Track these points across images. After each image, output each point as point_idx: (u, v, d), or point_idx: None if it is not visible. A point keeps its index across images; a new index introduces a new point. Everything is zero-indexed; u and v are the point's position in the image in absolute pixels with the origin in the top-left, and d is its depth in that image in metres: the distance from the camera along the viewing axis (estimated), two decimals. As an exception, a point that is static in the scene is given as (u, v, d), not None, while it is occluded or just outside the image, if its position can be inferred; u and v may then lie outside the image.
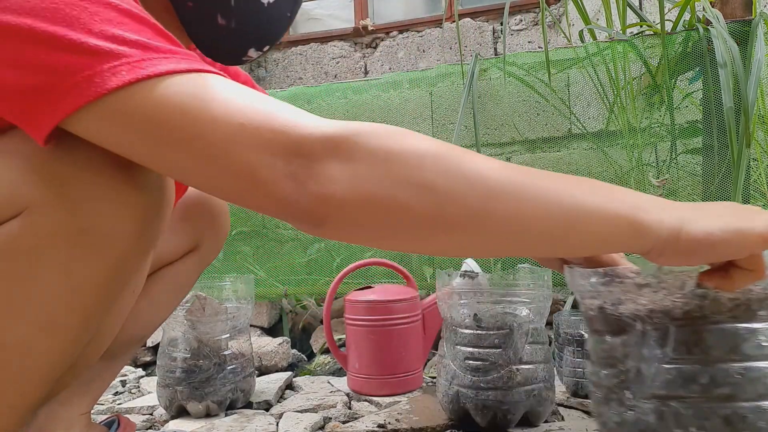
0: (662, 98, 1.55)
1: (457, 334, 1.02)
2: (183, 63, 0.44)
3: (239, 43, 0.66)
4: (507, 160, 1.82)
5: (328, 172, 0.41)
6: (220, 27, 0.63)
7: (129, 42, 0.43)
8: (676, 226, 0.46)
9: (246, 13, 0.63)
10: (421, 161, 0.42)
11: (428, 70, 1.87)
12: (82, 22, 0.42)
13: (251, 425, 1.06)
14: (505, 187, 0.43)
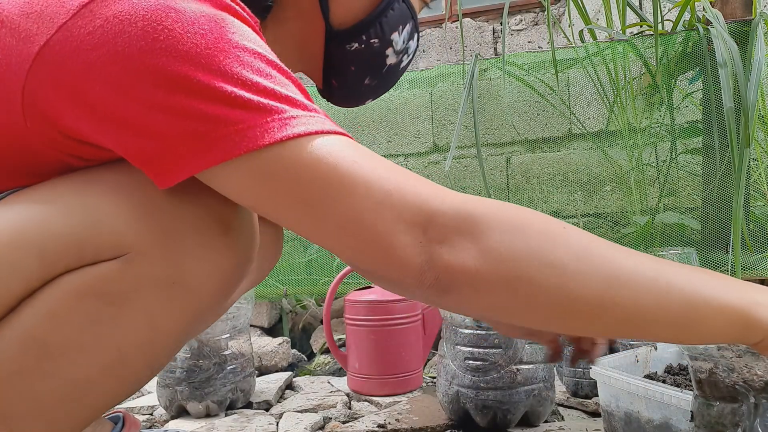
0: (662, 98, 1.55)
1: (457, 334, 1.02)
2: (328, 124, 0.45)
3: (367, 96, 0.73)
4: (507, 161, 1.82)
5: (461, 242, 0.44)
6: (364, 86, 0.69)
7: (280, 97, 0.43)
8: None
9: (387, 77, 0.70)
10: (554, 240, 0.45)
11: (428, 70, 1.87)
12: (236, 73, 0.42)
13: (251, 425, 1.06)
14: (631, 276, 0.45)
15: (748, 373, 0.57)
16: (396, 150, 1.95)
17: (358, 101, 0.74)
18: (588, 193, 1.71)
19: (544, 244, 0.44)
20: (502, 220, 0.45)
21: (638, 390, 0.76)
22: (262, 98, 0.42)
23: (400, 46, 0.67)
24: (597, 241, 0.46)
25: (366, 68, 0.67)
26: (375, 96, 0.74)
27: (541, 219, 0.46)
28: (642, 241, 1.51)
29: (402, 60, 0.70)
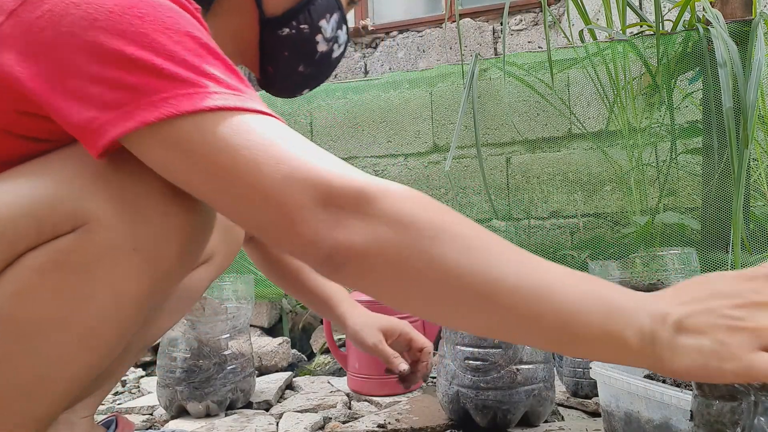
0: (662, 98, 1.55)
1: (457, 333, 1.02)
2: (252, 103, 0.47)
3: (303, 86, 0.77)
4: (507, 161, 1.82)
5: (355, 223, 0.45)
6: (299, 73, 0.73)
7: (206, 74, 0.46)
8: (657, 363, 0.44)
9: (322, 65, 0.74)
10: (439, 234, 0.45)
11: (428, 70, 1.87)
12: (167, 49, 0.45)
13: (251, 425, 1.06)
14: (512, 281, 0.44)
15: None
16: (396, 150, 1.95)
17: (295, 90, 0.78)
18: (588, 193, 1.71)
19: (435, 236, 0.44)
20: (397, 207, 0.45)
21: (638, 390, 0.76)
22: (189, 73, 0.45)
23: (329, 34, 0.72)
24: (491, 241, 0.46)
25: (298, 54, 0.71)
26: (312, 85, 0.78)
27: (438, 212, 0.46)
28: (642, 241, 1.51)
29: (333, 49, 0.74)
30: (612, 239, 1.65)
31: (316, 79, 0.77)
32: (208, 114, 0.44)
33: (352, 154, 1.98)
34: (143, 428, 1.11)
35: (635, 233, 1.55)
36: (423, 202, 0.47)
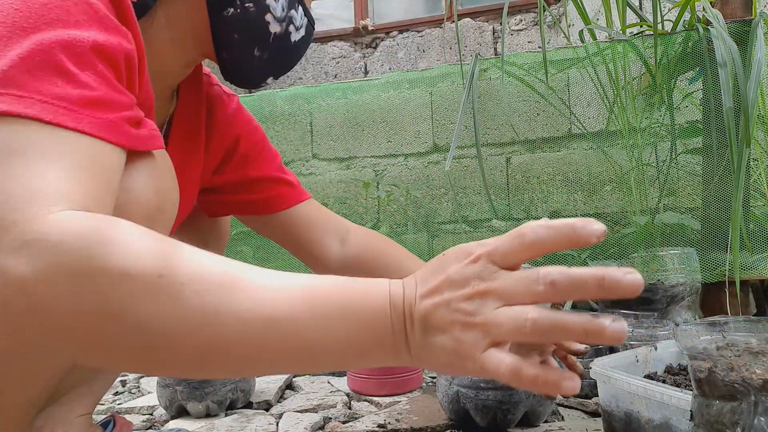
0: (662, 98, 1.55)
1: (457, 334, 1.02)
2: (21, 106, 0.42)
3: (265, 72, 0.74)
4: (507, 161, 1.82)
5: (12, 262, 0.37)
6: (254, 57, 0.70)
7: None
8: (416, 362, 0.44)
9: (279, 49, 0.71)
10: (142, 296, 0.38)
11: (428, 70, 1.87)
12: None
13: (251, 425, 1.06)
14: (243, 333, 0.40)
15: (747, 372, 0.57)
16: (396, 150, 1.95)
17: (257, 78, 0.75)
18: (588, 193, 1.71)
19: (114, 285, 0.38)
20: (85, 244, 0.38)
21: (638, 390, 0.76)
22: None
23: (279, 13, 0.68)
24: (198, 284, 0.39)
25: (249, 36, 0.69)
26: (275, 72, 0.75)
27: (132, 250, 0.39)
28: (642, 241, 1.51)
29: (289, 31, 0.71)
30: (612, 239, 1.65)
31: (278, 65, 0.74)
32: None
33: (352, 154, 1.98)
34: (143, 428, 1.11)
35: (635, 233, 1.55)
36: (107, 242, 0.39)
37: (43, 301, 0.37)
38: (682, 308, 1.18)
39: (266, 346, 0.40)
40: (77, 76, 0.45)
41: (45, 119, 0.42)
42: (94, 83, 0.46)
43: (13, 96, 0.42)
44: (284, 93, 2.00)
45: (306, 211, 0.93)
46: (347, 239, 0.95)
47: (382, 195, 1.90)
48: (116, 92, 0.48)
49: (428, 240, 1.88)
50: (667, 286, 1.17)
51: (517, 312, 0.39)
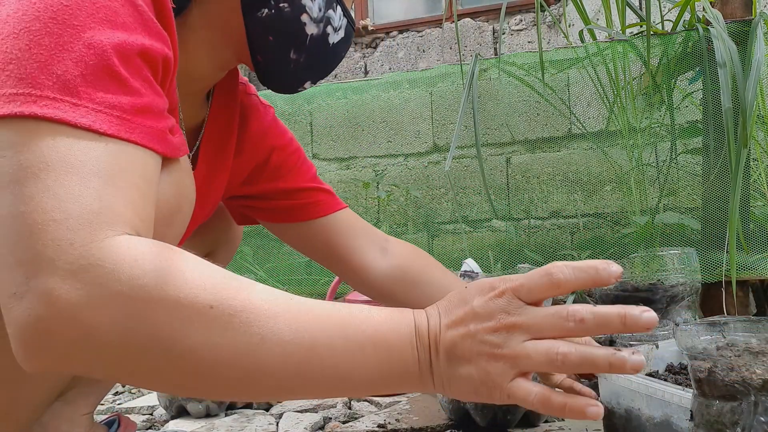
0: (662, 98, 1.55)
1: (457, 333, 1.02)
2: (88, 118, 0.42)
3: (302, 76, 0.71)
4: (507, 161, 1.82)
5: (67, 287, 0.38)
6: (291, 60, 0.67)
7: (43, 74, 0.41)
8: (440, 390, 0.47)
9: (316, 51, 0.68)
10: (192, 325, 0.40)
11: (428, 70, 1.87)
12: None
13: (251, 425, 1.06)
14: (283, 363, 0.42)
15: (747, 372, 0.57)
16: (396, 150, 1.95)
17: (295, 83, 0.72)
18: (588, 193, 1.71)
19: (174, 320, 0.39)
20: (138, 271, 0.39)
21: (639, 387, 0.76)
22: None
23: (316, 14, 0.65)
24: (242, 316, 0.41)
25: (285, 38, 0.66)
26: (313, 77, 0.72)
27: (191, 281, 0.40)
28: (642, 241, 1.51)
29: (327, 32, 0.67)
30: (612, 239, 1.65)
31: (316, 70, 0.71)
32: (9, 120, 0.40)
33: (352, 154, 1.98)
34: (143, 428, 1.11)
35: (635, 233, 1.55)
36: (168, 270, 0.40)
37: (94, 328, 0.37)
38: (682, 308, 1.18)
39: (304, 374, 0.43)
40: (128, 82, 0.44)
41: (99, 130, 0.42)
42: (142, 89, 0.46)
43: (69, 103, 0.41)
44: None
45: (345, 219, 0.90)
46: (388, 249, 0.92)
47: (382, 195, 1.90)
48: (160, 99, 0.48)
49: (428, 240, 1.88)
50: (667, 286, 1.16)
51: (547, 346, 0.43)
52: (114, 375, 0.41)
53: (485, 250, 1.74)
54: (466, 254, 1.67)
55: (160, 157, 0.48)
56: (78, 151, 0.41)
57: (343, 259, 0.90)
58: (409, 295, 0.89)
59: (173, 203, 0.58)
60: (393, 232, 1.89)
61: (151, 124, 0.46)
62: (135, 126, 0.44)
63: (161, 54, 0.48)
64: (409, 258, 0.92)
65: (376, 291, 0.91)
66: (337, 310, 0.45)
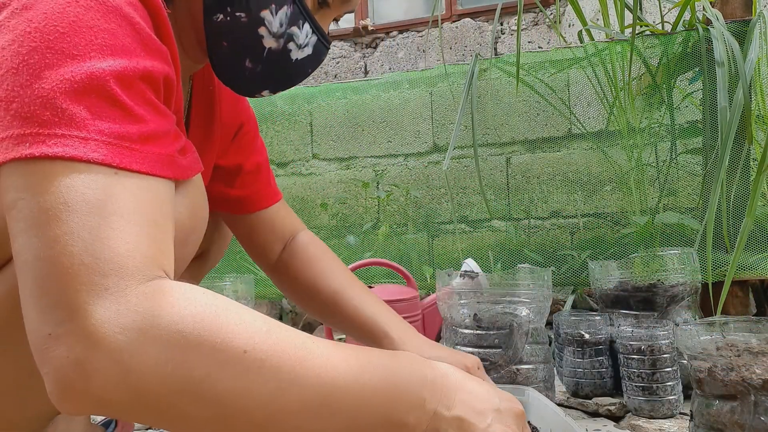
0: (662, 98, 1.55)
1: (457, 334, 1.02)
2: (96, 150, 0.41)
3: (258, 85, 0.69)
4: (507, 161, 1.82)
5: (107, 331, 0.38)
6: (245, 68, 0.66)
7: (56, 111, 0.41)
8: None
9: (274, 64, 0.66)
10: (226, 369, 0.40)
11: (428, 70, 1.87)
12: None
13: (251, 425, 1.06)
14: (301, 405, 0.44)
15: (747, 372, 0.57)
16: (396, 150, 1.95)
17: (251, 89, 0.71)
18: (588, 193, 1.71)
19: (221, 369, 0.40)
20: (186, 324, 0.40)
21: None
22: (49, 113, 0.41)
23: (276, 29, 0.63)
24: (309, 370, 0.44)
25: (239, 46, 0.64)
26: (271, 87, 0.70)
27: (244, 330, 0.42)
28: (642, 241, 1.51)
29: (287, 47, 0.65)
30: (612, 239, 1.65)
31: (275, 82, 0.69)
32: (29, 162, 0.40)
33: (352, 154, 1.98)
34: (143, 428, 1.11)
35: (635, 233, 1.55)
36: (215, 323, 0.41)
37: (134, 372, 0.38)
38: (682, 308, 1.18)
39: (321, 416, 0.44)
40: (133, 110, 0.44)
41: (113, 164, 0.42)
42: (148, 115, 0.45)
43: (77, 138, 0.41)
44: (284, 93, 1.99)
45: (271, 214, 0.90)
46: (288, 247, 0.93)
47: (382, 195, 1.90)
48: (166, 121, 0.48)
49: (428, 240, 1.88)
50: (667, 286, 1.16)
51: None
52: (146, 419, 0.42)
53: (485, 250, 1.74)
54: (466, 254, 1.67)
55: (173, 183, 0.48)
56: (95, 189, 0.41)
57: (253, 253, 0.93)
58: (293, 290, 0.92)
59: (188, 225, 0.59)
60: (393, 231, 1.89)
61: (159, 150, 0.46)
62: (145, 155, 0.44)
63: (162, 73, 0.48)
64: (303, 261, 0.92)
65: (274, 280, 0.94)
66: (357, 357, 0.48)
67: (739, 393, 0.58)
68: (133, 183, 0.43)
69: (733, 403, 0.59)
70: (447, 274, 1.06)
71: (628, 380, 1.02)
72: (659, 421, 0.97)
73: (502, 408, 0.54)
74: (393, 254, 1.84)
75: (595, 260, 1.28)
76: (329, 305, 0.87)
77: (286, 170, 2.02)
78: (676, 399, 0.99)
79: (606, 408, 1.05)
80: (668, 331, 0.99)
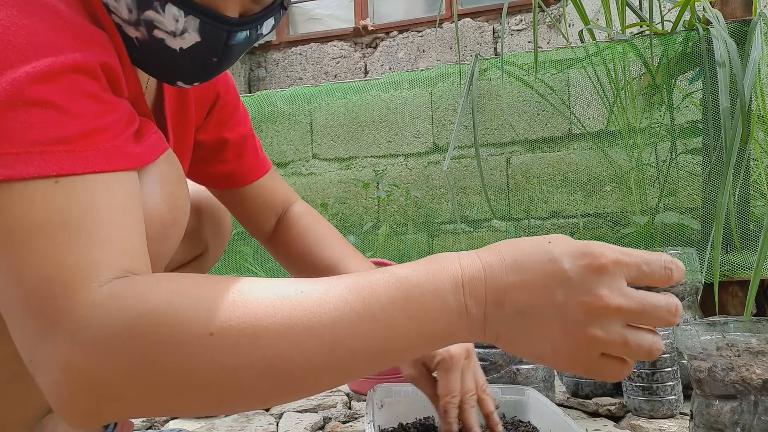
0: (662, 98, 1.55)
1: (457, 334, 1.02)
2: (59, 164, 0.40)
3: (165, 76, 0.60)
4: (507, 161, 1.82)
5: (67, 352, 0.38)
6: (135, 59, 0.57)
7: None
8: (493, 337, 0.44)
9: (150, 54, 0.55)
10: (197, 356, 0.39)
11: (428, 70, 1.87)
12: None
13: (251, 425, 1.06)
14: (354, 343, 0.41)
15: (747, 372, 0.57)
16: (396, 150, 1.95)
17: (161, 77, 0.61)
18: (588, 193, 1.71)
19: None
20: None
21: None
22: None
23: (126, 15, 0.52)
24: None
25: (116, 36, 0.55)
26: (180, 78, 0.59)
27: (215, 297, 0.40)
28: (642, 241, 1.51)
29: (157, 36, 0.53)
30: (612, 239, 1.65)
31: (176, 72, 0.58)
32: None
33: (352, 154, 1.98)
34: (143, 428, 1.11)
35: (635, 233, 1.55)
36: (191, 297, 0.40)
37: (107, 384, 0.38)
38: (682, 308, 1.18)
39: (335, 355, 0.41)
40: (68, 108, 0.42)
41: (51, 173, 0.40)
42: (85, 109, 0.43)
43: (10, 156, 0.39)
44: (284, 93, 2.00)
45: (260, 188, 0.87)
46: (283, 219, 0.90)
47: (382, 195, 1.90)
48: (110, 109, 0.46)
49: (428, 240, 1.88)
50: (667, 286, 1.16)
51: (651, 343, 0.42)
52: (149, 412, 0.42)
53: (485, 250, 1.74)
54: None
55: (129, 173, 0.46)
56: (38, 207, 0.39)
57: (247, 226, 0.90)
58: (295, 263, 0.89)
59: (168, 218, 0.57)
60: (393, 232, 1.90)
61: (106, 144, 0.44)
62: (88, 154, 0.42)
63: (98, 61, 0.45)
64: (298, 234, 0.88)
65: (273, 254, 0.92)
66: (367, 279, 0.43)
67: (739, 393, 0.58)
68: (77, 187, 0.41)
69: (733, 403, 0.59)
70: (447, 274, 1.06)
71: (628, 380, 1.02)
72: (659, 421, 0.97)
73: (569, 270, 0.42)
74: (393, 254, 1.84)
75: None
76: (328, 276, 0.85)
77: (286, 170, 2.02)
78: (676, 399, 0.99)
79: (606, 408, 1.05)
80: (668, 331, 0.99)
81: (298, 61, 3.70)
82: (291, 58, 3.71)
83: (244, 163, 0.85)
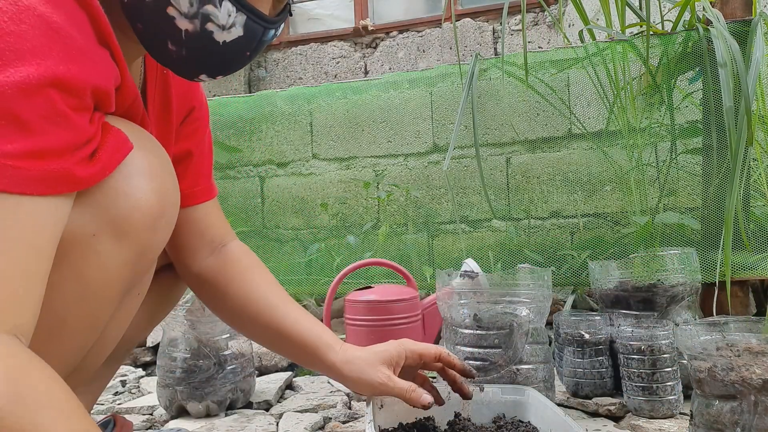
0: (662, 98, 1.55)
1: (457, 334, 1.02)
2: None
3: (190, 68, 0.63)
4: (507, 161, 1.82)
5: None
6: (170, 51, 0.60)
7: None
8: None
9: (198, 48, 0.59)
10: None
11: (428, 70, 1.87)
12: None
13: (251, 425, 1.06)
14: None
15: (747, 372, 0.57)
16: (396, 150, 1.95)
17: (183, 71, 0.65)
18: (588, 193, 1.71)
19: None
20: None
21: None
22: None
23: (186, 9, 0.56)
24: None
25: (154, 29, 0.59)
26: (207, 71, 0.64)
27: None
28: (642, 241, 1.51)
29: (206, 29, 0.58)
30: (612, 239, 1.65)
31: (209, 66, 0.63)
32: None
33: (352, 154, 1.98)
34: (143, 428, 1.11)
35: (635, 233, 1.55)
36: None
37: None
38: (682, 308, 1.18)
39: None
40: (30, 124, 0.42)
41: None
42: (48, 127, 0.44)
43: None
44: (284, 93, 2.00)
45: (203, 212, 0.84)
46: (219, 253, 0.85)
47: (382, 195, 1.90)
48: (72, 131, 0.46)
49: (428, 240, 1.88)
50: (667, 286, 1.16)
51: None
52: None
53: (485, 250, 1.74)
54: (466, 254, 1.67)
55: (57, 198, 0.47)
56: None
57: (173, 251, 0.84)
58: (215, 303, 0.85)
59: (156, 209, 0.58)
60: (393, 232, 1.89)
61: (44, 166, 0.44)
62: (27, 173, 0.43)
63: (81, 79, 0.46)
64: (224, 269, 0.84)
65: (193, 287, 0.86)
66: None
67: (739, 393, 0.58)
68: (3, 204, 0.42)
69: (733, 403, 0.59)
70: (447, 274, 1.06)
71: (628, 380, 1.02)
72: (659, 421, 0.97)
73: None
74: (393, 254, 1.84)
75: (595, 260, 1.28)
76: (263, 319, 0.80)
77: (286, 170, 2.02)
78: (676, 399, 0.99)
79: (606, 408, 1.05)
80: (668, 331, 0.99)
81: (298, 61, 3.70)
82: (291, 58, 3.71)
83: (199, 181, 0.83)
